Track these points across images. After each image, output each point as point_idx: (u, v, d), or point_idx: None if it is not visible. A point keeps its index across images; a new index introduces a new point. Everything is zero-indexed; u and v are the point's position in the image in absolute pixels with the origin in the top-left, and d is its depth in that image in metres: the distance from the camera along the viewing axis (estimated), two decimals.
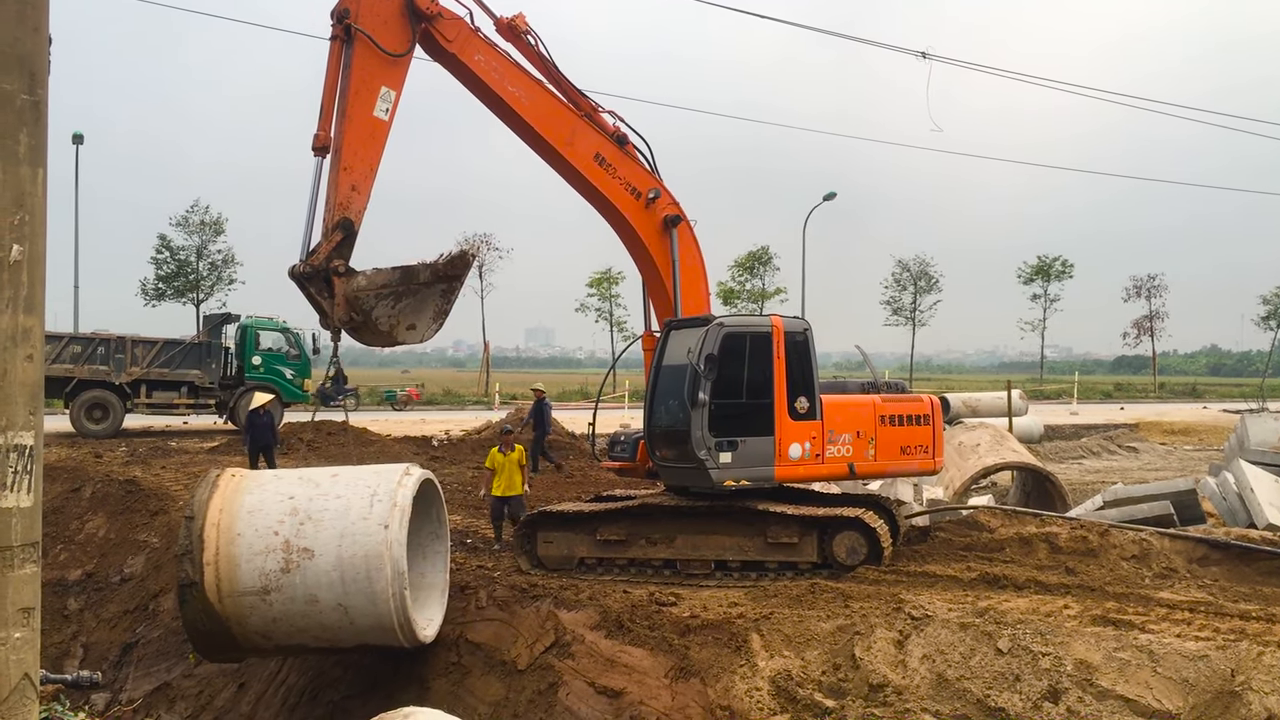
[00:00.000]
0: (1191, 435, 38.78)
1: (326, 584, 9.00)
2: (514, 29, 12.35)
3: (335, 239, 10.80)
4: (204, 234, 51.72)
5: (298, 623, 9.20)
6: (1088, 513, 15.49)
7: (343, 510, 9.16)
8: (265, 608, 9.11)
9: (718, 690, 9.13)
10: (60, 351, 26.62)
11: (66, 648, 13.35)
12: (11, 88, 3.95)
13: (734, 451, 11.91)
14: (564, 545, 12.38)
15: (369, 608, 8.98)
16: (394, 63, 11.22)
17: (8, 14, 3.96)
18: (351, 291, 10.81)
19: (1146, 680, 8.40)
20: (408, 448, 24.24)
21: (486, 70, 11.87)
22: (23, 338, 4.01)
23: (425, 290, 11.25)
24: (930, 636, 9.24)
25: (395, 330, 11.19)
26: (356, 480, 9.56)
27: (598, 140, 12.57)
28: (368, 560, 8.91)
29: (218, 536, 9.17)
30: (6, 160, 3.95)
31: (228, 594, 9.11)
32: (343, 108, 10.99)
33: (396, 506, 9.11)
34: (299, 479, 9.84)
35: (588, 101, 12.74)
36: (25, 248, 4.00)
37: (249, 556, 9.10)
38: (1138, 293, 79.35)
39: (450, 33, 11.59)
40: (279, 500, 9.36)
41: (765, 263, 66.70)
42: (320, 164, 11.18)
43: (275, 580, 9.03)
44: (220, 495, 9.45)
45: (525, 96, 12.10)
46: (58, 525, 15.64)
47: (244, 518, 9.26)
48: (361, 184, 11.04)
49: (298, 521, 9.14)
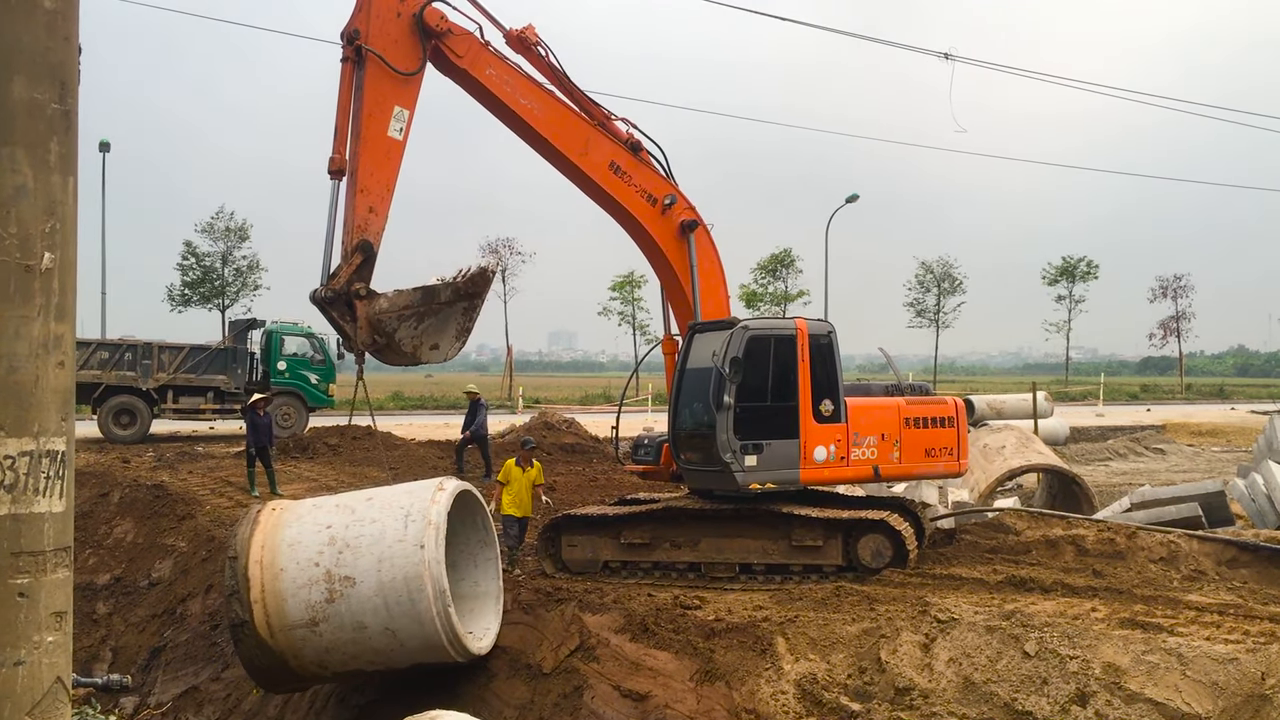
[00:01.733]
0: (1219, 436, 38.45)
1: (371, 610, 8.96)
2: (524, 41, 12.30)
3: (355, 262, 10.80)
4: (229, 240, 52.11)
5: (350, 650, 9.19)
6: (1115, 515, 15.38)
7: (378, 535, 9.12)
8: (316, 639, 9.12)
9: (743, 693, 9.12)
10: (88, 357, 26.82)
11: (96, 651, 13.46)
12: (42, 97, 3.99)
13: (759, 454, 11.90)
14: (588, 549, 12.41)
15: (416, 629, 8.95)
16: (406, 82, 11.20)
17: (37, 24, 4.00)
18: (374, 314, 10.79)
19: (1175, 683, 8.33)
20: (432, 451, 24.32)
21: (498, 84, 11.84)
22: (54, 345, 4.04)
23: (447, 309, 11.20)
24: (956, 639, 9.20)
25: (419, 351, 11.17)
26: (390, 502, 9.50)
27: (612, 149, 12.54)
28: (408, 582, 8.87)
29: (261, 573, 9.18)
30: (38, 169, 3.99)
31: (279, 629, 9.12)
32: (357, 129, 10.98)
33: (431, 525, 9.03)
34: (335, 506, 9.81)
35: (600, 110, 12.70)
36: (56, 255, 4.04)
37: (293, 590, 9.09)
38: (1164, 293, 78.70)
39: (461, 49, 11.57)
40: (316, 531, 9.35)
41: (788, 265, 66.53)
42: (336, 186, 11.18)
43: (322, 611, 9.03)
44: (261, 531, 9.44)
45: (538, 108, 12.07)
46: (87, 530, 15.78)
47: (285, 551, 9.25)
48: (379, 205, 11.03)
49: (336, 550, 9.13)
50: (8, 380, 3.97)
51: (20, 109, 3.98)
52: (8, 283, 3.96)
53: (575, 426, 27.82)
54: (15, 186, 3.97)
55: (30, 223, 3.98)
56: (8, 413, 3.96)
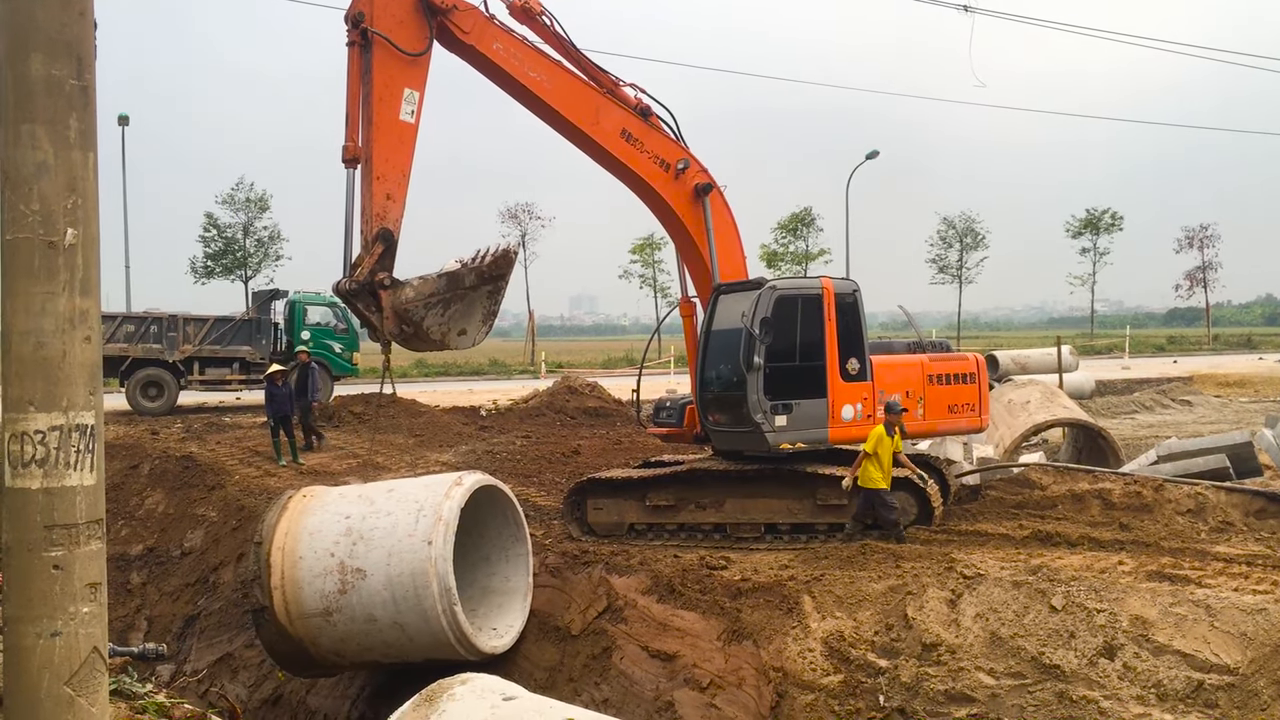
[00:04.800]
0: (1247, 387, 38.12)
1: (380, 603, 8.96)
2: (528, 11, 12.07)
3: (377, 251, 10.68)
4: (249, 211, 52.27)
5: (363, 641, 9.22)
6: (1141, 468, 15.32)
7: (391, 528, 9.10)
8: (331, 628, 9.16)
9: (770, 652, 9.18)
10: (114, 331, 27.01)
11: (131, 621, 13.66)
12: (60, 73, 4.01)
13: (789, 414, 11.89)
14: (614, 512, 12.47)
15: (423, 625, 8.92)
16: (414, 63, 11.02)
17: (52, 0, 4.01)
18: (400, 304, 10.68)
19: (1204, 635, 8.32)
20: (456, 418, 24.45)
21: (506, 58, 11.67)
22: (80, 319, 4.08)
23: (472, 294, 11.07)
24: (983, 595, 9.21)
25: (447, 338, 11.04)
26: (407, 495, 9.45)
27: (622, 116, 12.38)
28: (414, 578, 8.83)
29: (282, 560, 9.24)
30: (58, 145, 4.02)
31: (296, 616, 9.18)
32: (368, 115, 10.81)
33: (441, 520, 8.95)
34: (358, 497, 9.78)
35: (608, 77, 12.51)
36: (79, 231, 4.07)
37: (310, 579, 9.14)
38: (1190, 244, 77.85)
39: (466, 24, 11.39)
40: (336, 521, 9.36)
41: (808, 224, 66.13)
42: (352, 175, 11.04)
43: (335, 601, 9.06)
44: (287, 518, 9.48)
45: (547, 80, 11.89)
46: (118, 502, 15.98)
47: (305, 540, 9.29)
48: (396, 192, 10.89)
49: (351, 542, 9.14)
50: (35, 356, 4.02)
51: (39, 86, 4.00)
52: (32, 259, 4.00)
53: (598, 390, 27.89)
54: (37, 163, 4.00)
55: (52, 199, 4.01)
56: (36, 388, 4.01)
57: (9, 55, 3.98)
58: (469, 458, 18.94)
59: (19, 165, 3.98)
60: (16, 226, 3.97)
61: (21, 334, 3.99)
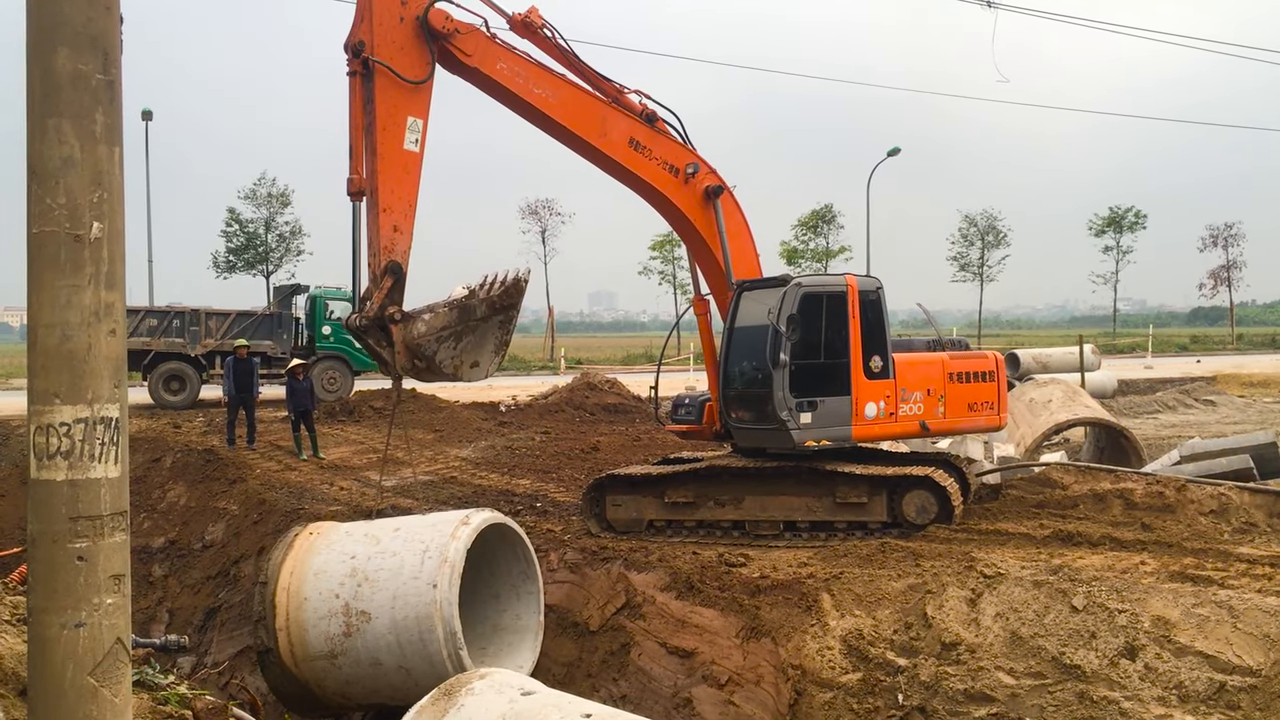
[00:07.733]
0: (1271, 387, 37.78)
1: (384, 647, 8.78)
2: (529, 25, 11.87)
3: (386, 285, 10.47)
4: (271, 206, 52.55)
5: (369, 684, 9.04)
6: (1164, 468, 15.21)
7: (396, 569, 8.90)
8: (336, 671, 9.00)
9: (789, 650, 9.17)
10: (138, 325, 27.23)
11: (153, 613, 13.76)
12: (86, 68, 4.03)
13: (814, 412, 11.87)
14: (632, 508, 12.47)
15: (429, 669, 8.66)
16: (417, 90, 10.82)
17: None
18: (412, 339, 10.45)
19: (1226, 636, 8.26)
20: (476, 413, 24.52)
21: (511, 78, 11.49)
22: (105, 313, 4.11)
23: (484, 325, 10.83)
24: (1003, 594, 9.17)
25: (460, 370, 10.83)
26: (413, 535, 9.24)
27: (629, 125, 12.25)
28: (419, 622, 8.62)
29: (287, 601, 9.08)
30: (84, 139, 4.04)
31: (301, 659, 9.02)
32: (372, 145, 10.62)
33: (447, 563, 8.71)
34: (364, 535, 9.58)
35: (612, 85, 12.36)
36: (104, 225, 4.09)
37: (314, 621, 8.97)
38: (1214, 242, 77.22)
39: (469, 47, 11.17)
40: (341, 561, 9.19)
41: (829, 221, 65.94)
42: (358, 207, 10.93)
43: (340, 644, 8.89)
44: (293, 557, 9.33)
45: (553, 96, 11.71)
46: (141, 494, 16.10)
47: (310, 580, 9.12)
48: (403, 223, 10.68)
49: (355, 583, 8.96)
50: (61, 349, 4.05)
51: (65, 80, 4.02)
52: (58, 253, 4.03)
53: (617, 386, 27.90)
54: (63, 158, 4.02)
55: (78, 193, 4.04)
56: (62, 380, 4.04)
57: (35, 49, 4.01)
58: (488, 453, 19.00)
59: (45, 159, 4.00)
60: (43, 220, 4.00)
61: (47, 327, 4.02)
